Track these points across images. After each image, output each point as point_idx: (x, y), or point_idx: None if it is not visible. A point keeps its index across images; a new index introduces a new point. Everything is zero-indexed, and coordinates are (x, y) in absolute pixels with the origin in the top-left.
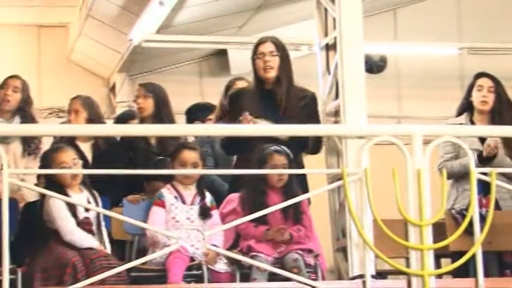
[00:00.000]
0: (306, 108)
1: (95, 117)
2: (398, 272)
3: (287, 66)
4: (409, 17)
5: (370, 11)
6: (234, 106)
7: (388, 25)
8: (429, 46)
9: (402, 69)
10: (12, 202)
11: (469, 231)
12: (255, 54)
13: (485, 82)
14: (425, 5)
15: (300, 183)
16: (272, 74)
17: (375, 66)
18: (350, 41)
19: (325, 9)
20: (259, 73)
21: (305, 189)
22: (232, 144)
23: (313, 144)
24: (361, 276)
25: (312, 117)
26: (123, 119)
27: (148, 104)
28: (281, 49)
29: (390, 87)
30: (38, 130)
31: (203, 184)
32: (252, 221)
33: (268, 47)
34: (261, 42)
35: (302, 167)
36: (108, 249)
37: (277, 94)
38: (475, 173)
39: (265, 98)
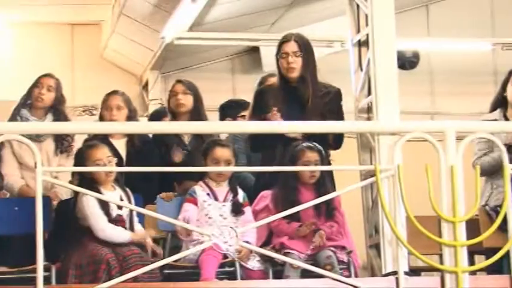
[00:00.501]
0: (329, 104)
1: (133, 114)
2: (431, 269)
3: (311, 64)
4: (442, 13)
5: (402, 7)
6: (259, 103)
7: (421, 21)
8: (462, 42)
9: (435, 65)
10: (46, 200)
11: (503, 228)
12: (279, 53)
13: None
14: (458, 1)
15: (329, 180)
16: (295, 74)
17: (407, 62)
18: (382, 37)
19: (358, 6)
20: (283, 72)
21: (333, 186)
22: (256, 141)
23: (333, 140)
24: (395, 273)
25: (336, 113)
26: (157, 116)
27: (188, 101)
28: (305, 48)
29: (423, 83)
30: (71, 128)
31: (235, 181)
32: (284, 218)
33: (292, 47)
34: (284, 40)
35: (329, 163)
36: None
37: (301, 92)
38: (509, 168)
39: (289, 95)
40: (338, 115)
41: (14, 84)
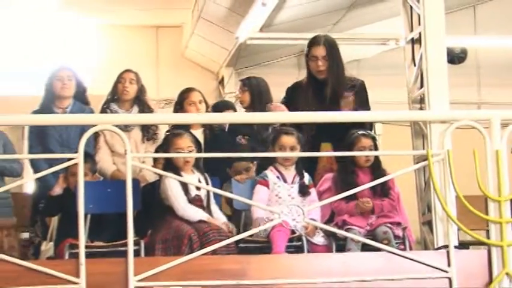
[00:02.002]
0: (357, 96)
1: (208, 108)
2: (479, 243)
3: (338, 65)
4: (488, 12)
5: (451, 8)
6: (289, 99)
7: (468, 20)
8: (507, 38)
9: (481, 59)
10: (135, 182)
11: None
12: (308, 55)
13: None
14: (503, 2)
15: None
16: (324, 75)
17: (456, 57)
18: (433, 35)
19: (411, 7)
20: (313, 72)
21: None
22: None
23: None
24: (446, 246)
25: (364, 103)
26: (218, 108)
27: (245, 97)
28: (332, 51)
29: (470, 76)
30: (155, 119)
31: (302, 165)
32: (343, 198)
33: (321, 52)
34: (314, 43)
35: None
36: (223, 222)
37: (328, 88)
38: None
39: (317, 90)
40: (366, 105)
41: (106, 80)
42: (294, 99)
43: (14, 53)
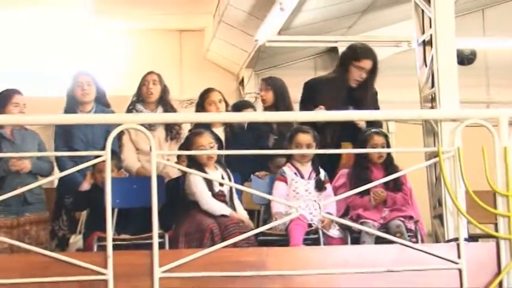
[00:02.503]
0: (375, 101)
1: (228, 107)
2: (488, 236)
3: (374, 79)
4: (496, 16)
5: (461, 11)
6: (309, 93)
7: (477, 23)
8: None
9: (490, 61)
10: (159, 178)
11: None
12: (354, 62)
13: None
14: (511, 5)
15: None
16: (357, 84)
17: (465, 59)
18: (444, 37)
19: (422, 11)
20: (350, 78)
21: None
22: None
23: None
24: (456, 239)
25: (377, 108)
26: (238, 107)
27: (268, 96)
28: (375, 67)
29: (479, 77)
30: (177, 118)
31: (317, 162)
32: (357, 193)
33: (369, 65)
34: (365, 56)
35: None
36: (244, 216)
37: (358, 94)
38: None
39: (350, 92)
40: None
41: (132, 82)
42: (318, 94)
43: (46, 55)
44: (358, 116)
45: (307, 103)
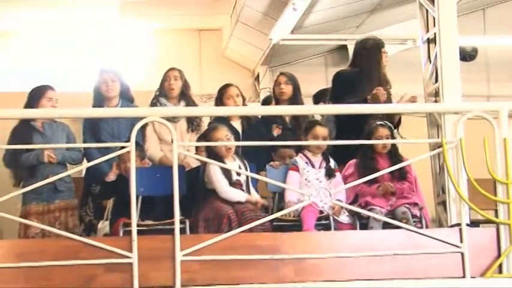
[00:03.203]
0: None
1: (245, 101)
2: (488, 222)
3: None
4: (496, 15)
5: (463, 11)
6: (339, 85)
7: (478, 22)
8: None
9: (490, 57)
10: (180, 168)
11: None
12: (382, 50)
13: None
14: (510, 4)
15: None
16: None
17: (467, 55)
18: (447, 35)
19: (427, 10)
20: (378, 66)
21: None
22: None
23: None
24: (458, 224)
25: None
26: (267, 101)
27: (288, 90)
28: None
29: (480, 72)
30: (198, 112)
31: (328, 152)
32: (365, 181)
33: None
34: (384, 44)
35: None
36: (259, 198)
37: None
38: None
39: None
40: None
41: (156, 77)
42: (349, 86)
43: (78, 52)
44: (370, 109)
45: (343, 95)
